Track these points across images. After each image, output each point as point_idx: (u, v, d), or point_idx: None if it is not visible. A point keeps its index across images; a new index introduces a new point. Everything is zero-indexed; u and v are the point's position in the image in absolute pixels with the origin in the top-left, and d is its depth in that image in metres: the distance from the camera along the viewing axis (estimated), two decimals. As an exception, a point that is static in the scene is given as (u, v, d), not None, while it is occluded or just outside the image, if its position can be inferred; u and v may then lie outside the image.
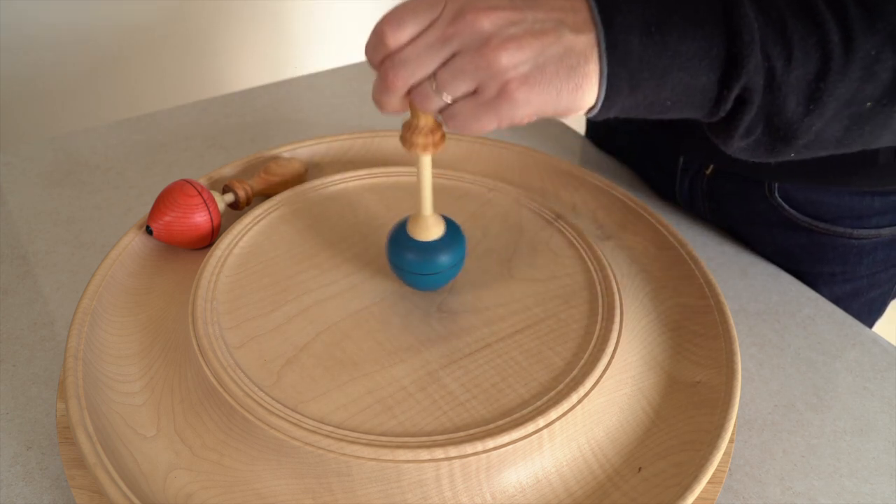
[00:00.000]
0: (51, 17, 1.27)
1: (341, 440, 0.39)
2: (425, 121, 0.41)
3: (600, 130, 0.81)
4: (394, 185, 0.60)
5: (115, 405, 0.44)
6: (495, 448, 0.40)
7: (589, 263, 0.53)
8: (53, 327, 0.54)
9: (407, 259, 0.46)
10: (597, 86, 0.36)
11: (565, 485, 0.42)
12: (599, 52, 0.36)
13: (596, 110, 0.38)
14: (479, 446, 0.40)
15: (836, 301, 0.63)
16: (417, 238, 0.46)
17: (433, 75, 0.36)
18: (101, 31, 1.33)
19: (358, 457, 0.39)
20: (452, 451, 0.39)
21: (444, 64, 0.36)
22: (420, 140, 0.41)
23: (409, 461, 0.39)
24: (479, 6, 0.35)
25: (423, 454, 0.39)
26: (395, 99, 0.38)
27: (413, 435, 0.40)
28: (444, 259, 0.46)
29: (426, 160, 0.44)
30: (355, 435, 0.40)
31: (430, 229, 0.46)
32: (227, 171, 0.62)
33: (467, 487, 0.40)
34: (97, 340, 0.48)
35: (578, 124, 0.88)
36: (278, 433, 0.40)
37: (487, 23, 0.35)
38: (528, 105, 0.36)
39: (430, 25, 0.36)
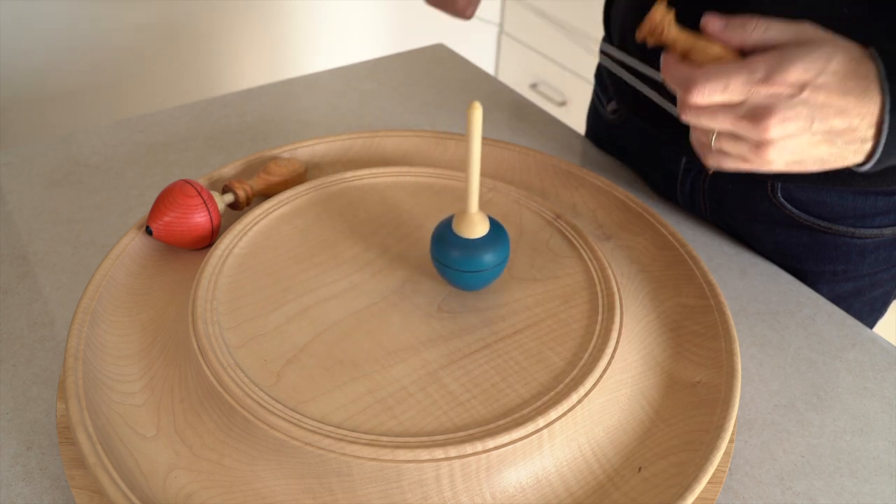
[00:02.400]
0: (51, 17, 1.27)
1: (341, 440, 0.39)
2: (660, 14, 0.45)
3: (601, 130, 0.81)
4: (394, 184, 0.60)
5: (115, 405, 0.44)
6: (495, 448, 0.40)
7: (589, 263, 0.53)
8: (53, 327, 0.54)
9: (452, 256, 0.47)
10: (867, 154, 0.43)
11: (565, 485, 0.42)
12: (873, 151, 0.43)
13: (864, 169, 0.45)
14: (479, 446, 0.40)
15: (838, 300, 0.63)
16: (463, 235, 0.47)
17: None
18: (101, 32, 1.33)
19: (358, 457, 0.39)
20: (452, 451, 0.39)
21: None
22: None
23: (409, 461, 0.39)
24: (774, 120, 0.42)
25: (423, 454, 0.39)
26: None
27: (413, 435, 0.40)
28: (489, 257, 0.47)
29: (475, 163, 0.44)
30: (355, 435, 0.40)
31: (476, 227, 0.47)
32: (227, 171, 0.62)
33: (467, 487, 0.40)
34: (97, 340, 0.48)
35: (579, 124, 0.88)
36: (278, 433, 0.40)
37: (776, 133, 0.42)
38: (782, 166, 0.44)
39: (728, 107, 0.43)
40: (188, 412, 0.43)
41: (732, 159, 0.45)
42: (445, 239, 0.47)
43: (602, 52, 0.74)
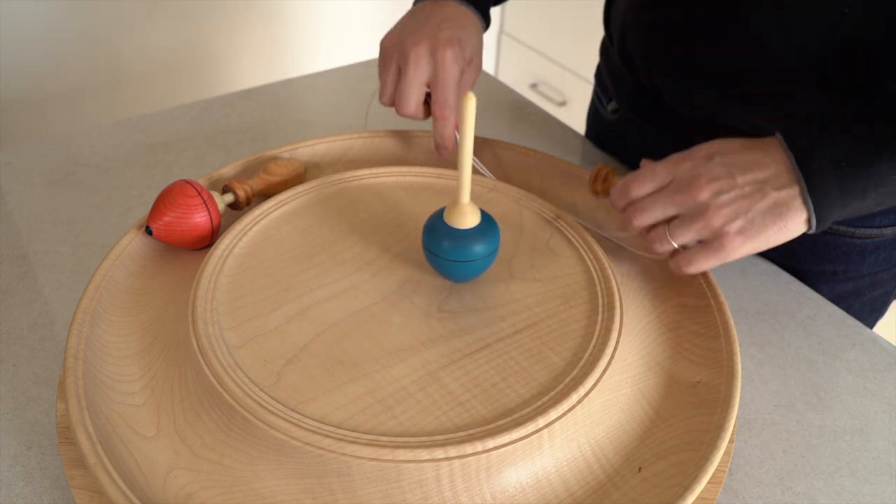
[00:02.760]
0: (51, 17, 1.27)
1: (341, 440, 0.39)
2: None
3: (601, 130, 0.81)
4: (394, 184, 0.60)
5: (115, 405, 0.44)
6: (495, 448, 0.40)
7: (589, 263, 0.53)
8: (53, 327, 0.54)
9: (443, 246, 0.47)
10: (805, 223, 0.47)
11: (565, 485, 0.42)
12: (804, 198, 0.46)
13: (812, 232, 0.48)
14: (479, 446, 0.40)
15: (838, 300, 0.63)
16: (454, 225, 0.47)
17: (667, 225, 0.49)
18: (101, 32, 1.33)
19: (358, 457, 0.39)
20: (452, 451, 0.39)
21: (676, 218, 0.49)
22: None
23: (409, 461, 0.39)
24: (700, 182, 0.47)
25: (423, 454, 0.39)
26: (633, 232, 0.52)
27: (413, 435, 0.40)
28: (479, 248, 0.47)
29: (468, 150, 0.44)
30: (355, 435, 0.40)
31: (467, 217, 0.47)
32: (227, 171, 0.62)
33: (467, 487, 0.40)
34: (97, 340, 0.48)
35: (579, 124, 0.88)
36: (278, 433, 0.40)
37: (707, 193, 0.47)
38: (742, 250, 0.47)
39: (662, 189, 0.49)
40: (188, 412, 0.43)
41: (699, 253, 0.49)
42: (437, 229, 0.48)
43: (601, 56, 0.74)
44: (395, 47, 0.60)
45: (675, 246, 0.50)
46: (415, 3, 0.65)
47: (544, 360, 0.45)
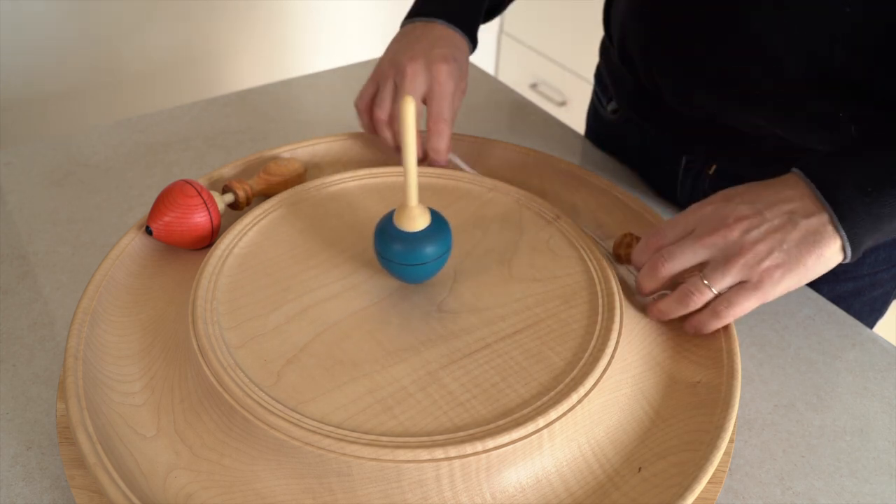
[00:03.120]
0: (51, 17, 1.27)
1: (341, 440, 0.39)
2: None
3: (601, 130, 0.81)
4: (394, 184, 0.60)
5: (115, 405, 0.44)
6: (495, 448, 0.40)
7: (589, 263, 0.53)
8: (53, 327, 0.54)
9: (393, 250, 0.47)
10: (841, 251, 0.46)
11: (565, 485, 0.42)
12: (834, 225, 0.45)
13: (848, 261, 0.47)
14: (479, 446, 0.40)
15: (838, 300, 0.63)
16: (404, 229, 0.47)
17: (701, 273, 0.47)
18: (101, 32, 1.33)
19: (358, 457, 0.39)
20: (452, 451, 0.39)
21: (707, 263, 0.47)
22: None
23: (409, 461, 0.39)
24: (728, 221, 0.46)
25: (423, 454, 0.39)
26: (657, 284, 0.49)
27: (413, 435, 0.40)
28: (430, 250, 0.47)
29: (411, 152, 0.44)
30: (355, 435, 0.40)
31: (416, 220, 0.47)
32: (227, 171, 0.62)
33: (467, 487, 0.40)
34: (97, 340, 0.48)
35: (578, 124, 0.88)
36: (278, 433, 0.40)
37: (737, 231, 0.45)
38: (782, 285, 0.45)
39: (688, 235, 0.48)
40: (188, 412, 0.43)
41: (738, 294, 0.46)
42: (387, 233, 0.47)
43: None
44: (392, 65, 0.62)
45: (715, 293, 0.47)
46: (402, 26, 0.66)
47: (544, 360, 0.45)
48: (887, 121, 0.52)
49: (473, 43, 0.67)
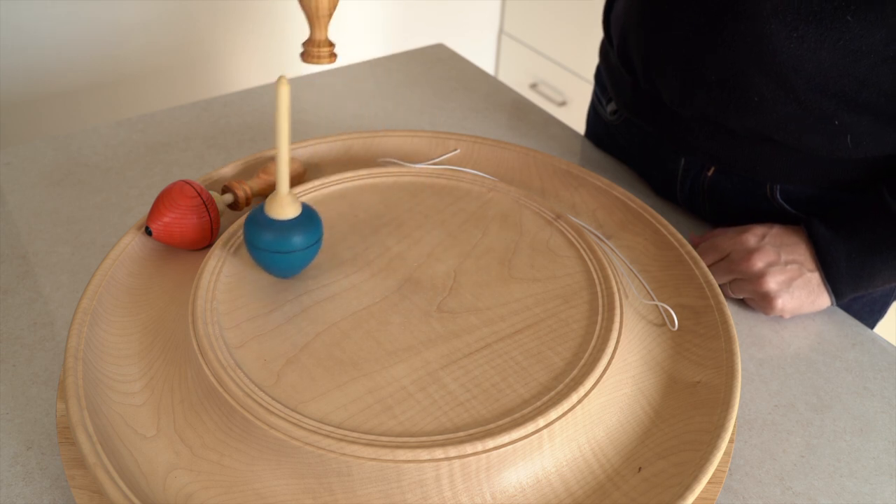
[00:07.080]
0: (51, 16, 1.27)
1: (341, 440, 0.39)
2: (321, 35, 0.51)
3: (600, 130, 0.81)
4: (393, 184, 0.60)
5: (115, 405, 0.44)
6: (495, 448, 0.40)
7: (589, 263, 0.53)
8: (53, 327, 0.54)
9: (263, 238, 0.47)
10: (829, 297, 0.58)
11: (565, 485, 0.42)
12: (824, 281, 0.58)
13: (833, 306, 0.60)
14: (479, 446, 0.40)
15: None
16: (275, 217, 0.47)
17: (728, 286, 0.61)
18: (100, 32, 1.33)
19: (358, 457, 0.39)
20: (452, 451, 0.39)
21: (735, 281, 0.60)
22: (325, 51, 0.52)
23: (409, 461, 0.39)
24: (755, 256, 0.58)
25: (423, 454, 0.39)
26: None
27: (413, 435, 0.40)
28: (299, 239, 0.47)
29: (284, 143, 0.44)
30: (355, 435, 0.40)
31: (286, 208, 0.46)
32: (227, 171, 0.62)
33: (467, 487, 0.40)
34: (97, 340, 0.48)
35: (579, 124, 0.88)
36: (278, 433, 0.40)
37: (761, 264, 0.58)
38: (784, 309, 0.58)
39: (723, 259, 0.61)
40: (188, 412, 0.43)
41: (749, 305, 0.61)
42: (257, 221, 0.47)
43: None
44: None
45: (734, 297, 0.61)
46: None
47: (544, 360, 0.45)
48: (884, 129, 0.54)
49: None
